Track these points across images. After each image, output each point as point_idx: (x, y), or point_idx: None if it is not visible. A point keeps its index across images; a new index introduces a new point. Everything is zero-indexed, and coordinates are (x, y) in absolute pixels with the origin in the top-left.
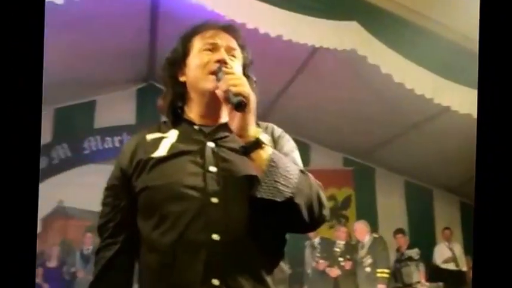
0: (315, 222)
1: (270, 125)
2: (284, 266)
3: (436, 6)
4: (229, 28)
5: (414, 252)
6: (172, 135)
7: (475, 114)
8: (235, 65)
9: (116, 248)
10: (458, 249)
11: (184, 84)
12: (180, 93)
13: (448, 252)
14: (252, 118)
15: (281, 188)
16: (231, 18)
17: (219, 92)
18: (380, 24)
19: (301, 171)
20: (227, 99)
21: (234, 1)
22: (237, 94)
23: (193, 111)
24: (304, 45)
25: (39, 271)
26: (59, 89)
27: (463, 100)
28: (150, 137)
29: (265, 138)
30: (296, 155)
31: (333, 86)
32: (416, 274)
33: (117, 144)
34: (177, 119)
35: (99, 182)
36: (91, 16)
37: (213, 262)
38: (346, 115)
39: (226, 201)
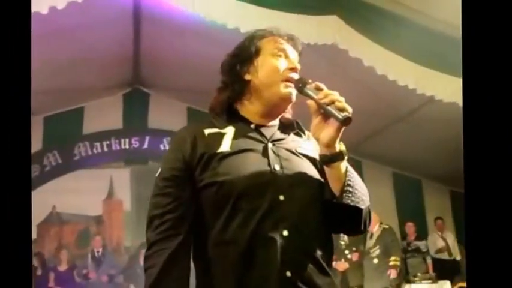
0: (364, 229)
1: (308, 132)
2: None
3: None
4: (294, 39)
5: (423, 244)
6: (229, 131)
7: (460, 103)
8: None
9: (180, 239)
10: (451, 238)
11: (247, 82)
12: (241, 90)
13: (441, 242)
14: (341, 133)
15: (363, 197)
16: (212, 19)
17: (311, 104)
18: (360, 16)
19: None
20: (327, 113)
21: (214, 2)
22: (342, 109)
23: (251, 110)
24: None
25: (50, 276)
26: (47, 98)
27: (447, 89)
28: (208, 131)
29: (345, 151)
30: None
31: (315, 80)
32: (423, 266)
33: (105, 149)
34: (231, 115)
35: (89, 186)
36: (75, 24)
37: (285, 256)
38: None
39: (292, 198)
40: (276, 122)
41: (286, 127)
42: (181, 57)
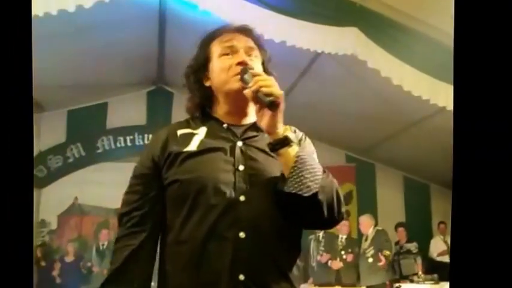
0: (333, 219)
1: (292, 127)
2: (299, 263)
3: (432, 12)
4: (244, 29)
5: (413, 246)
6: (202, 131)
7: None
8: (256, 64)
9: (143, 237)
10: None
11: (209, 88)
12: (206, 96)
13: (443, 246)
14: (281, 116)
15: (308, 183)
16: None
17: (247, 93)
18: (379, 30)
19: (323, 169)
20: (258, 99)
21: (239, 8)
22: (269, 94)
23: (220, 110)
24: (307, 51)
25: (57, 265)
26: (71, 92)
27: None
28: (180, 132)
29: (292, 136)
30: (315, 156)
31: (335, 88)
32: (414, 266)
33: (129, 144)
34: (205, 116)
35: (111, 179)
36: (102, 22)
37: (239, 258)
38: (347, 114)
39: (252, 199)
40: (250, 120)
41: None
42: None
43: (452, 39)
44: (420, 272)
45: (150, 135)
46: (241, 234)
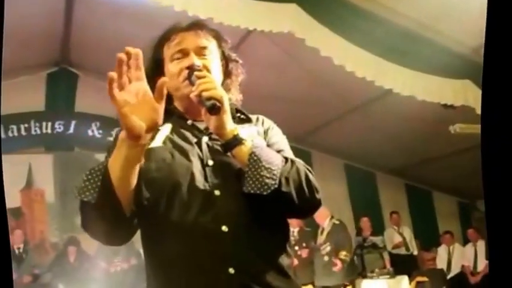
0: (308, 206)
1: (261, 117)
2: (289, 250)
3: None
4: (194, 26)
5: (379, 240)
6: (166, 128)
7: (418, 96)
8: (210, 62)
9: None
10: (407, 233)
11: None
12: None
13: (398, 237)
14: (227, 117)
15: (266, 180)
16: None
17: (192, 97)
18: (321, 6)
19: (286, 158)
20: (201, 103)
21: None
22: (209, 98)
23: (181, 108)
24: (237, 28)
25: None
26: None
27: (405, 82)
28: None
29: (245, 133)
30: (284, 144)
31: (267, 70)
32: (380, 262)
33: (23, 133)
34: (168, 113)
35: (4, 174)
36: None
37: (226, 252)
38: (281, 99)
39: (228, 193)
40: None
41: None
42: (115, 39)
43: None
44: (390, 268)
45: (49, 123)
46: (224, 228)
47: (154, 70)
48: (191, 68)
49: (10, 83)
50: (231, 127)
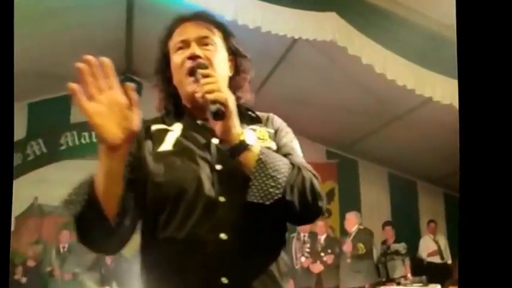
0: (310, 214)
1: (271, 116)
2: (285, 257)
3: None
4: (197, 16)
5: (401, 247)
6: (176, 128)
7: (456, 105)
8: (213, 54)
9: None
10: (443, 242)
11: (175, 86)
12: (175, 94)
13: (433, 245)
14: (233, 120)
15: (271, 189)
16: (206, 6)
17: (198, 97)
18: (359, 14)
19: (293, 164)
20: (206, 105)
21: None
22: (214, 101)
23: (189, 107)
24: (283, 37)
25: (18, 270)
26: (33, 83)
27: (444, 90)
28: (155, 127)
29: (252, 138)
30: (295, 145)
31: (313, 78)
32: (402, 268)
33: (94, 140)
34: (179, 112)
35: (75, 178)
36: (68, 7)
37: (221, 261)
38: (327, 106)
39: (232, 200)
40: None
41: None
42: None
43: (455, 30)
44: (409, 275)
45: None
46: (223, 236)
47: (163, 64)
48: (193, 58)
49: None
50: (237, 131)
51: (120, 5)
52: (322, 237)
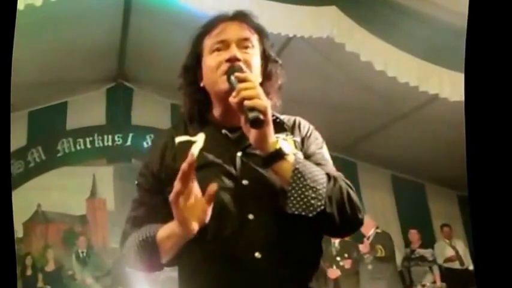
0: (350, 227)
1: (298, 119)
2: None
3: None
4: (239, 16)
5: (428, 253)
6: (200, 139)
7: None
8: (252, 57)
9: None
10: (461, 246)
11: (203, 88)
12: (201, 99)
13: (451, 251)
14: (269, 129)
15: (312, 201)
16: (202, 10)
17: (232, 101)
18: (362, 6)
19: (328, 175)
20: (242, 111)
21: None
22: (252, 108)
23: (217, 112)
24: (277, 35)
25: (39, 276)
26: (32, 92)
27: (453, 86)
28: (178, 139)
29: (286, 147)
30: (324, 152)
31: (309, 77)
32: (430, 276)
33: (88, 146)
34: (203, 120)
35: (73, 184)
36: (65, 15)
37: (258, 280)
38: (324, 107)
39: (262, 216)
40: None
41: None
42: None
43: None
44: (438, 283)
45: (110, 136)
46: (257, 255)
47: (194, 63)
48: (233, 61)
49: (77, 99)
50: (272, 139)
51: (116, 13)
52: (336, 241)
